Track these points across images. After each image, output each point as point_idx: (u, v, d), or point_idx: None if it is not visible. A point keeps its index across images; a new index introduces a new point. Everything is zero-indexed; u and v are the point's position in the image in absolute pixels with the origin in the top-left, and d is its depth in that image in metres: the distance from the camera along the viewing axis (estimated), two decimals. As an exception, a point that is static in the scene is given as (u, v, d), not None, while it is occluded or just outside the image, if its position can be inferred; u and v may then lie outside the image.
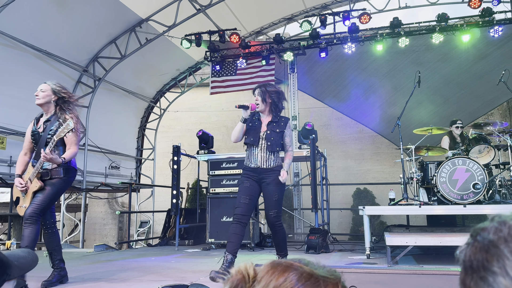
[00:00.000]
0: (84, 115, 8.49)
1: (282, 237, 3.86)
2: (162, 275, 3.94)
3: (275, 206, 3.77)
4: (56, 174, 3.39)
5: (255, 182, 3.82)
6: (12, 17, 6.32)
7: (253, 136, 3.87)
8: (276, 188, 3.76)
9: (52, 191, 3.37)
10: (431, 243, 4.39)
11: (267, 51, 8.33)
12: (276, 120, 3.91)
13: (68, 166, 3.45)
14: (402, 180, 5.47)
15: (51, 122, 3.45)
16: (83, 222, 8.64)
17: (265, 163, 3.81)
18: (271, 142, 3.83)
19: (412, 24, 7.67)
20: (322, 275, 0.72)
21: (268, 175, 3.79)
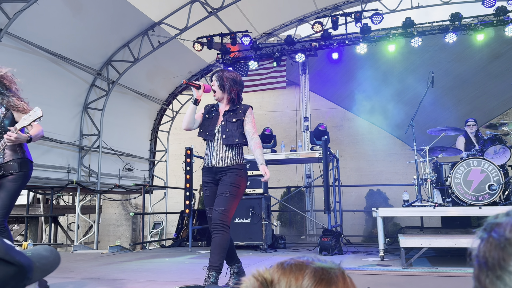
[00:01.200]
0: (98, 118, 8.60)
1: (221, 243, 3.02)
2: (176, 276, 3.97)
3: (223, 203, 3.06)
4: (10, 169, 2.92)
5: (213, 185, 3.26)
6: (28, 22, 6.45)
7: (208, 130, 3.31)
8: (230, 185, 3.13)
9: (11, 192, 2.92)
10: (446, 245, 4.35)
11: (278, 52, 8.34)
12: (234, 109, 3.33)
13: (23, 158, 2.99)
14: (416, 181, 5.42)
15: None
16: (97, 223, 8.74)
17: (221, 161, 3.21)
18: (226, 134, 3.23)
19: (425, 24, 7.60)
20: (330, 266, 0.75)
21: (224, 173, 3.19)
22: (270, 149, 7.06)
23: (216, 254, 2.99)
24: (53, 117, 7.19)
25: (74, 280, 3.67)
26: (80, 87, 8.23)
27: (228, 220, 3.06)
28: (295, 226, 10.39)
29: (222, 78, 3.33)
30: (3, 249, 0.86)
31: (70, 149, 8.07)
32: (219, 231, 3.00)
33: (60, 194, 12.04)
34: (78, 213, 8.47)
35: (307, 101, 9.01)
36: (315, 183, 8.83)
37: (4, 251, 0.85)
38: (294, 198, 10.47)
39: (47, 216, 9.75)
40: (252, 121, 3.34)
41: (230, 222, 3.09)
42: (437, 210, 4.80)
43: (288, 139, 10.42)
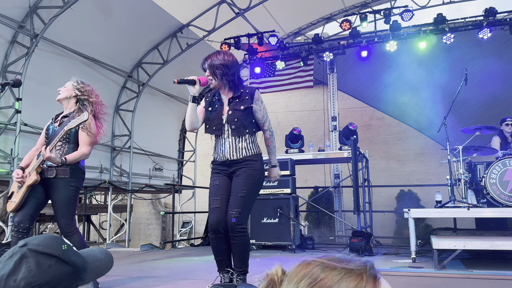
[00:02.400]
0: (129, 119, 8.80)
1: (243, 248, 2.87)
2: (207, 275, 4.01)
3: (239, 204, 2.83)
4: (62, 174, 3.01)
5: (225, 177, 2.98)
6: (62, 27, 6.67)
7: (216, 124, 3.00)
8: (245, 182, 2.87)
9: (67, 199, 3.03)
10: (481, 247, 4.22)
11: (305, 51, 8.30)
12: (238, 95, 3.00)
13: (75, 165, 3.07)
14: (449, 182, 5.28)
15: (68, 119, 3.12)
16: (128, 222, 8.95)
17: (235, 153, 2.93)
18: (236, 125, 2.93)
19: (457, 20, 7.39)
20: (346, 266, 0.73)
21: (239, 166, 2.92)
22: (297, 149, 7.03)
23: (240, 259, 2.89)
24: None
25: (108, 279, 3.77)
26: (112, 89, 8.45)
27: (245, 221, 2.90)
28: (323, 227, 10.32)
29: (212, 66, 2.95)
30: (61, 248, 0.89)
31: (102, 150, 8.29)
32: (238, 236, 2.84)
33: (93, 194, 12.39)
34: (110, 212, 8.70)
35: (335, 100, 8.93)
36: (343, 184, 8.73)
37: (61, 250, 0.89)
38: (322, 198, 10.40)
39: (80, 215, 10.06)
40: (262, 108, 3.01)
41: (246, 221, 2.97)
42: (471, 211, 4.66)
43: (315, 139, 10.35)
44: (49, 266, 0.86)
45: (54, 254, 0.87)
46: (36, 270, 0.84)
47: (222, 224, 2.88)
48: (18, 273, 0.84)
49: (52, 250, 0.88)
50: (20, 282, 0.83)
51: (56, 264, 0.86)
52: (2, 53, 6.23)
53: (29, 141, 6.51)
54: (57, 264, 0.87)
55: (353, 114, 11.62)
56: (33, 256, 0.86)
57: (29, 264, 0.84)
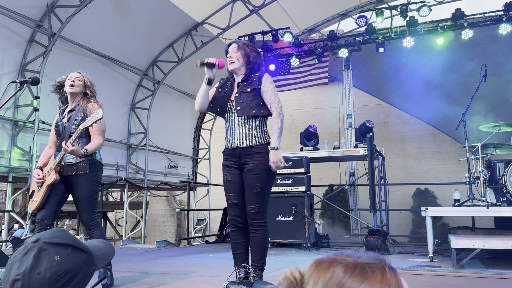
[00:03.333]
0: (145, 117, 8.88)
1: (262, 242, 2.88)
2: (222, 272, 4.02)
3: (255, 200, 2.84)
4: (82, 170, 3.07)
5: (236, 170, 2.94)
6: (79, 26, 6.75)
7: (220, 106, 2.97)
8: (258, 177, 2.84)
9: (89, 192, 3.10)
10: (501, 247, 4.13)
11: (320, 48, 8.24)
12: (247, 78, 2.96)
13: (94, 160, 3.13)
14: (468, 180, 5.19)
15: (75, 112, 3.16)
16: (144, 219, 9.04)
17: (245, 140, 2.87)
18: (241, 105, 2.87)
19: (476, 15, 7.24)
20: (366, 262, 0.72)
21: (250, 159, 2.86)
22: (312, 147, 6.99)
23: (259, 253, 2.88)
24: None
25: (125, 275, 3.81)
26: (127, 87, 8.53)
27: (264, 216, 2.89)
28: (338, 225, 10.25)
29: (247, 45, 2.99)
30: (73, 237, 0.92)
31: (118, 147, 8.38)
32: (259, 230, 2.86)
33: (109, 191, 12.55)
34: (126, 208, 8.79)
35: (350, 97, 8.84)
36: (359, 182, 8.66)
37: (74, 239, 0.91)
38: (337, 196, 10.33)
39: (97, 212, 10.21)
40: (271, 89, 2.91)
41: (266, 215, 2.92)
42: (490, 210, 4.57)
43: (330, 137, 10.28)
44: (68, 255, 0.89)
45: (69, 243, 0.91)
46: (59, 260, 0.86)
47: (242, 217, 2.92)
48: (40, 265, 0.86)
49: (66, 240, 0.91)
50: (45, 273, 0.85)
51: (73, 252, 0.90)
52: (20, 52, 6.34)
53: (47, 139, 6.58)
54: (74, 252, 0.90)
55: (369, 111, 11.50)
56: (50, 247, 0.88)
57: (50, 255, 0.87)
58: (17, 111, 6.27)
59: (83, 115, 3.12)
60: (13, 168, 6.14)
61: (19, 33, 6.24)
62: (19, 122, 6.22)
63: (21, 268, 0.86)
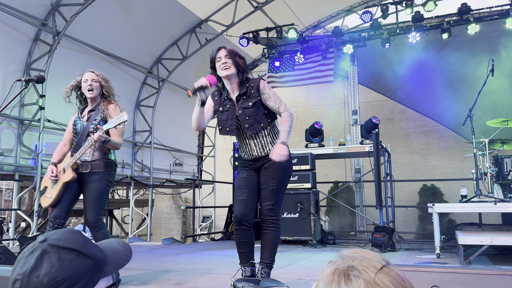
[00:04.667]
0: (150, 115, 8.89)
1: (273, 239, 2.90)
2: (228, 269, 4.02)
3: (271, 197, 2.88)
4: (97, 168, 3.11)
5: (253, 171, 3.00)
6: (83, 24, 6.76)
7: (229, 125, 2.94)
8: (275, 174, 2.89)
9: (98, 193, 3.11)
10: (509, 243, 4.10)
11: (325, 44, 8.20)
12: (244, 91, 2.92)
13: (109, 160, 3.19)
14: (475, 176, 5.14)
15: (95, 113, 3.21)
16: (150, 216, 9.07)
17: (262, 150, 2.93)
18: (248, 123, 2.89)
19: (483, 10, 7.17)
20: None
21: (267, 161, 2.91)
22: (318, 144, 6.97)
23: (268, 250, 2.89)
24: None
25: (131, 273, 3.82)
26: (132, 85, 8.54)
27: (278, 214, 2.92)
28: (344, 222, 10.23)
29: (233, 53, 2.92)
30: (81, 242, 0.89)
31: (124, 145, 8.40)
32: (271, 227, 2.88)
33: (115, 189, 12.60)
34: (132, 206, 8.82)
35: (355, 93, 8.80)
36: (365, 178, 8.62)
37: (82, 244, 0.89)
38: (343, 193, 10.30)
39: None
40: (271, 95, 2.90)
41: (279, 214, 2.96)
42: (498, 206, 4.53)
43: (335, 133, 10.23)
44: (71, 260, 0.85)
45: (74, 248, 0.87)
46: (59, 265, 0.84)
47: (247, 216, 2.91)
48: (40, 269, 0.83)
49: (73, 244, 0.88)
50: (43, 278, 0.82)
51: (78, 258, 0.86)
52: (25, 50, 6.36)
53: (52, 137, 6.65)
54: (79, 258, 0.86)
55: (374, 107, 11.45)
56: (54, 251, 0.85)
57: (51, 260, 0.84)
58: (22, 109, 6.30)
59: (102, 116, 3.17)
60: (20, 167, 6.17)
61: (24, 32, 6.25)
62: (25, 120, 6.24)
63: (23, 268, 0.84)
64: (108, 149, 3.20)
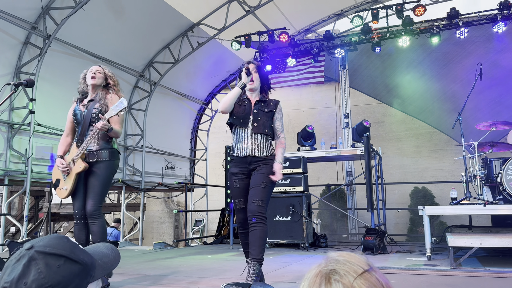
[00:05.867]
0: (142, 118, 8.85)
1: (262, 235, 3.04)
2: (220, 273, 4.02)
3: (260, 195, 3.05)
4: (102, 157, 3.22)
5: (244, 176, 3.19)
6: (74, 27, 6.72)
7: (243, 117, 3.20)
8: (265, 176, 3.10)
9: (103, 180, 3.21)
10: (498, 245, 4.14)
11: (316, 48, 8.24)
12: (264, 100, 3.31)
13: (113, 149, 3.31)
14: (465, 178, 5.20)
15: (94, 102, 3.31)
16: (141, 220, 9.01)
17: (257, 150, 3.15)
18: (258, 122, 3.18)
19: (471, 14, 7.26)
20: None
21: (260, 164, 3.15)
22: (309, 147, 6.99)
23: (258, 246, 3.00)
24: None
25: (123, 278, 3.80)
26: (124, 89, 8.47)
27: (265, 210, 3.09)
28: (336, 225, 10.26)
29: (261, 68, 3.36)
30: (68, 247, 0.89)
31: (115, 149, 8.35)
32: (259, 223, 3.02)
33: (106, 193, 12.49)
34: (124, 210, 8.77)
35: (347, 97, 8.85)
36: (356, 181, 8.67)
37: (69, 249, 0.88)
38: (335, 196, 10.33)
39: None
40: (281, 118, 3.31)
41: (266, 211, 3.12)
42: (487, 208, 4.58)
43: (327, 136, 10.29)
44: (59, 266, 0.85)
45: (62, 254, 0.87)
46: (46, 272, 0.83)
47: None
48: (28, 276, 0.83)
49: (60, 250, 0.87)
50: (31, 284, 0.82)
51: (65, 264, 0.86)
52: (15, 54, 6.31)
53: (43, 141, 6.59)
54: (66, 263, 0.86)
55: (365, 110, 11.52)
56: (41, 257, 0.85)
57: (39, 266, 0.84)
58: (12, 113, 6.24)
59: (102, 103, 3.27)
60: (9, 171, 6.11)
61: (14, 35, 6.21)
62: (14, 124, 6.19)
63: (10, 276, 0.84)
64: (110, 137, 3.30)
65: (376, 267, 0.75)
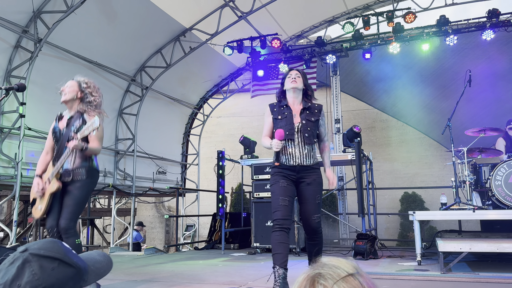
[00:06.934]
0: (133, 123, 8.82)
1: (322, 246, 3.28)
2: (211, 279, 4.01)
3: (318, 210, 3.19)
4: (78, 176, 3.11)
5: (292, 181, 3.20)
6: (66, 31, 6.69)
7: (288, 129, 3.18)
8: (318, 189, 3.20)
9: (78, 200, 3.11)
10: (487, 250, 4.19)
11: (308, 54, 8.30)
12: (308, 107, 3.28)
13: (91, 167, 3.19)
14: (454, 184, 5.25)
15: (74, 119, 3.22)
16: (132, 225, 8.95)
17: (306, 160, 3.17)
18: (308, 133, 3.19)
19: (460, 22, 7.38)
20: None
21: (309, 174, 3.18)
22: (301, 152, 7.01)
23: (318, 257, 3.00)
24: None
25: (112, 283, 3.77)
26: (115, 93, 8.46)
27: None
28: (327, 230, 10.28)
29: (305, 76, 3.38)
30: (62, 251, 0.89)
31: (106, 153, 8.30)
32: (319, 237, 3.23)
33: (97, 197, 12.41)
34: (114, 215, 8.70)
35: (338, 102, 8.91)
36: (347, 186, 8.71)
37: (63, 253, 0.89)
38: (326, 201, 10.37)
39: (84, 219, 10.07)
40: (324, 123, 3.35)
41: None
42: (477, 213, 4.63)
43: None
44: (53, 269, 0.85)
45: (56, 256, 0.87)
46: (40, 274, 0.84)
47: (289, 221, 3.15)
48: (22, 278, 0.83)
49: (54, 253, 0.88)
50: (25, 286, 0.82)
51: (59, 267, 0.86)
52: (6, 57, 6.26)
53: (33, 145, 6.53)
54: (60, 266, 0.87)
55: (357, 116, 11.60)
56: (35, 260, 0.85)
57: (33, 268, 0.84)
58: (2, 117, 6.18)
59: (81, 121, 3.17)
60: (-2, 176, 6.04)
61: (4, 39, 6.16)
62: (4, 128, 6.13)
63: (4, 278, 0.84)
64: (89, 155, 3.19)
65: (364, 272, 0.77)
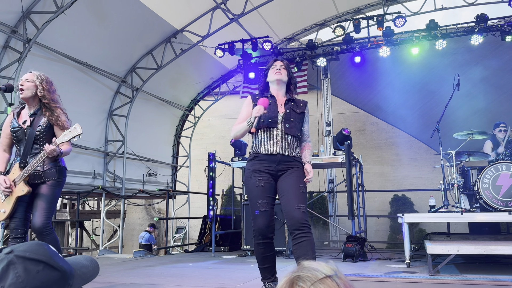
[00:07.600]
0: (123, 124, 8.76)
1: (313, 246, 2.75)
2: (201, 282, 3.99)
3: (303, 200, 2.77)
4: (50, 176, 3.04)
5: (270, 176, 2.86)
6: (55, 32, 6.64)
7: (271, 116, 2.90)
8: (300, 179, 2.85)
9: (50, 197, 3.03)
10: (475, 252, 4.23)
11: (299, 57, 8.33)
12: (293, 99, 3.07)
13: (60, 166, 3.12)
14: (443, 187, 5.30)
15: (37, 117, 3.07)
16: (122, 228, 8.88)
17: (288, 149, 2.87)
18: (290, 124, 2.93)
19: (450, 26, 7.47)
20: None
21: (289, 165, 2.87)
22: (292, 154, 7.03)
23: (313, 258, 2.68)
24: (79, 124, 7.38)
25: (101, 285, 3.74)
26: (105, 95, 8.41)
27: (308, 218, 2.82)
28: (317, 232, 10.31)
29: (289, 66, 3.14)
30: (48, 254, 0.88)
31: (95, 155, 8.24)
32: (308, 234, 2.70)
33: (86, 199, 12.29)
34: (103, 218, 8.63)
35: (329, 105, 8.96)
36: (337, 188, 8.74)
37: (49, 256, 0.88)
38: (316, 203, 10.40)
39: (73, 221, 9.97)
40: (308, 121, 3.12)
41: None
42: (464, 216, 4.68)
43: (310, 144, 10.35)
44: (37, 271, 0.84)
45: (41, 259, 0.86)
46: (24, 276, 0.83)
47: (271, 228, 2.81)
48: (5, 279, 0.82)
49: (40, 255, 0.87)
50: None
51: (44, 270, 0.85)
52: (-6, 58, 6.19)
53: (21, 146, 6.45)
54: (45, 269, 0.86)
55: (347, 119, 11.67)
56: (20, 262, 0.84)
57: (17, 270, 0.83)
58: (-11, 118, 6.10)
59: (46, 120, 3.06)
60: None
61: (-8, 39, 6.09)
62: (-9, 129, 6.05)
63: None
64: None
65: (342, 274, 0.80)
